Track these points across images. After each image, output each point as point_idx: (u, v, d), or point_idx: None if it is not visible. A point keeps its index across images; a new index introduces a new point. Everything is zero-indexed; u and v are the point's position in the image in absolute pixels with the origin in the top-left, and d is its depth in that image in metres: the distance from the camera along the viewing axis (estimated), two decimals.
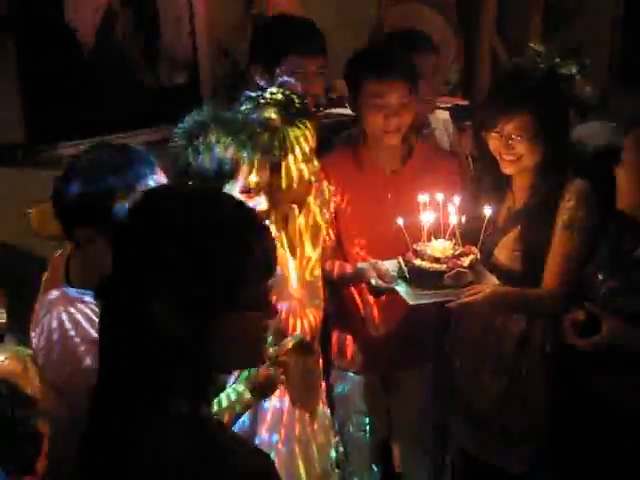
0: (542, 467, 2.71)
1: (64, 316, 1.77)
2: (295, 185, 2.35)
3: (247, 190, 2.10)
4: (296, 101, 2.36)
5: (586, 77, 4.09)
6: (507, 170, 2.57)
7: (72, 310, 1.77)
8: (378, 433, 2.91)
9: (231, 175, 2.07)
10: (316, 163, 2.41)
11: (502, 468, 2.75)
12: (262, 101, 2.35)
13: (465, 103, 4.33)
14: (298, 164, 2.33)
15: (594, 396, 2.38)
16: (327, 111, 3.58)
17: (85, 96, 3.91)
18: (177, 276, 1.19)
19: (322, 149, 2.54)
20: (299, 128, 2.33)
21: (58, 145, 3.92)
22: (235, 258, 1.22)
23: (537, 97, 2.53)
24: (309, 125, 2.36)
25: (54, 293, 1.82)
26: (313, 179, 2.42)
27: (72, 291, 1.81)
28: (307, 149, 2.34)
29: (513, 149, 2.49)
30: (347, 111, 3.03)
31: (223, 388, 1.94)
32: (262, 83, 2.88)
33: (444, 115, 3.29)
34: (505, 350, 2.64)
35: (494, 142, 2.54)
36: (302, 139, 2.33)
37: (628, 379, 2.33)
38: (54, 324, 1.77)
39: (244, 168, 2.08)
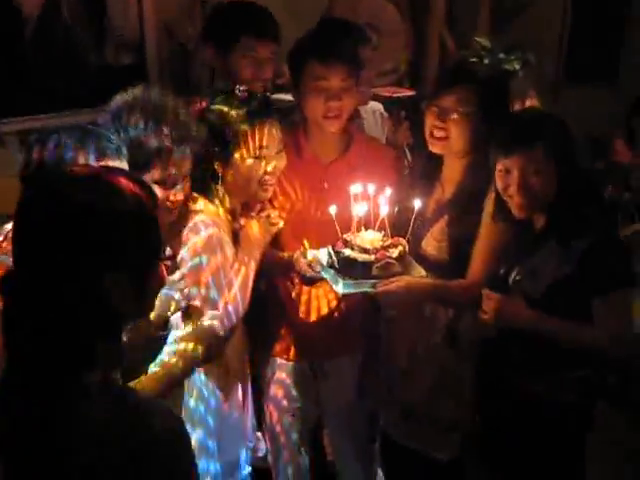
0: (470, 455, 2.78)
1: None
2: (243, 181, 2.41)
3: (161, 181, 2.11)
4: (257, 100, 2.43)
5: (529, 73, 4.18)
6: (434, 148, 2.60)
7: None
8: (307, 419, 2.94)
9: (148, 164, 2.06)
10: (274, 163, 2.45)
11: (430, 455, 2.80)
12: (222, 94, 2.44)
13: (411, 93, 4.38)
14: (245, 161, 2.39)
15: (521, 387, 2.43)
16: (274, 96, 3.60)
17: (28, 74, 3.87)
18: (121, 252, 1.31)
19: None
20: (253, 125, 2.38)
21: (0, 122, 3.88)
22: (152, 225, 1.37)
23: (484, 79, 2.58)
24: (267, 125, 2.41)
25: None
26: (267, 178, 2.45)
27: None
28: (260, 147, 2.40)
29: (445, 123, 2.52)
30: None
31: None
32: (214, 65, 2.93)
33: (376, 106, 3.31)
34: (434, 339, 2.69)
35: (430, 118, 2.57)
36: (256, 137, 2.39)
37: (556, 374, 2.38)
38: None
39: (164, 159, 2.09)
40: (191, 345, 2.13)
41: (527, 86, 4.07)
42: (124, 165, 1.84)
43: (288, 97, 2.98)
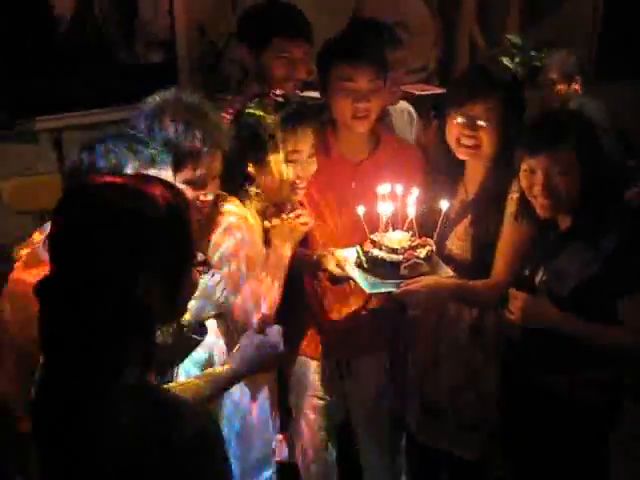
0: (494, 454, 2.79)
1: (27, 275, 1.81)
2: (275, 183, 2.44)
3: (192, 181, 2.13)
4: (293, 105, 2.44)
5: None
6: (462, 155, 2.61)
7: None
8: (334, 416, 2.96)
9: (180, 165, 2.07)
10: (306, 167, 2.48)
11: (454, 454, 2.81)
12: (264, 100, 2.44)
13: (441, 90, 4.37)
14: (279, 164, 2.41)
15: (545, 387, 2.43)
16: (304, 94, 3.62)
17: (61, 72, 3.93)
18: (158, 255, 1.35)
19: None
20: (288, 130, 2.40)
21: (34, 119, 3.95)
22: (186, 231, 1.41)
23: (509, 86, 2.59)
24: (301, 130, 2.43)
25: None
26: (298, 181, 2.48)
27: None
28: (293, 151, 2.42)
29: (475, 132, 2.53)
30: None
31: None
32: (246, 65, 2.97)
33: (405, 106, 3.31)
34: (458, 339, 2.70)
35: (455, 127, 2.57)
36: (291, 142, 2.41)
37: (581, 374, 2.38)
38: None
39: (195, 160, 2.11)
40: None
41: (574, 70, 4.08)
42: (169, 172, 1.87)
43: (317, 95, 3.00)
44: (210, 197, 2.21)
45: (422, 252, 2.43)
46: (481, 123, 2.52)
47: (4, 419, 1.85)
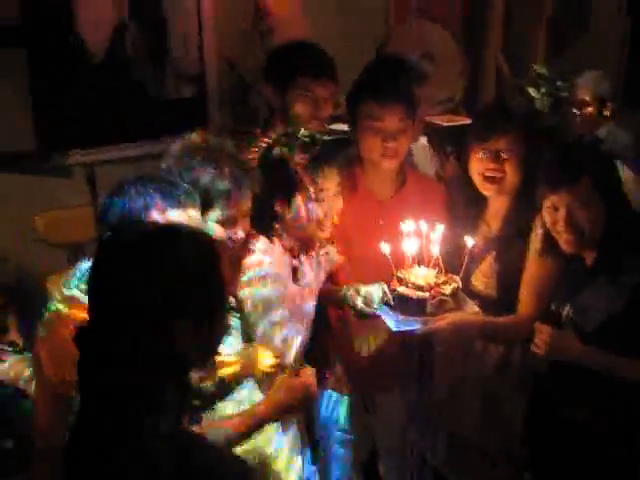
0: None
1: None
2: (302, 221, 2.46)
3: (223, 221, 2.17)
4: (317, 144, 2.47)
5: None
6: (487, 191, 2.64)
7: None
8: (361, 450, 2.97)
9: (210, 205, 2.12)
10: (332, 205, 2.50)
11: None
12: (284, 139, 2.47)
13: (468, 121, 4.39)
14: (306, 203, 2.45)
15: (572, 420, 2.43)
16: (331, 127, 3.66)
17: (94, 107, 4.01)
18: (192, 304, 1.38)
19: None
20: (315, 170, 2.44)
21: (68, 153, 4.03)
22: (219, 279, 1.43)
23: (531, 120, 2.63)
24: (328, 168, 2.47)
25: None
26: (326, 221, 2.50)
27: None
28: (320, 190, 2.45)
29: (499, 164, 2.57)
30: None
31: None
32: (272, 102, 3.02)
33: (423, 141, 3.33)
34: (485, 373, 2.71)
35: (478, 161, 2.61)
36: (317, 181, 2.44)
37: (606, 405, 2.37)
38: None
39: (224, 200, 2.15)
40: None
41: (607, 93, 4.06)
42: (197, 212, 1.92)
43: (345, 127, 3.03)
44: (241, 234, 2.25)
45: (448, 289, 2.45)
46: (505, 156, 2.56)
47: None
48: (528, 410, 2.64)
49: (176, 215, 1.83)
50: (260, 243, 2.41)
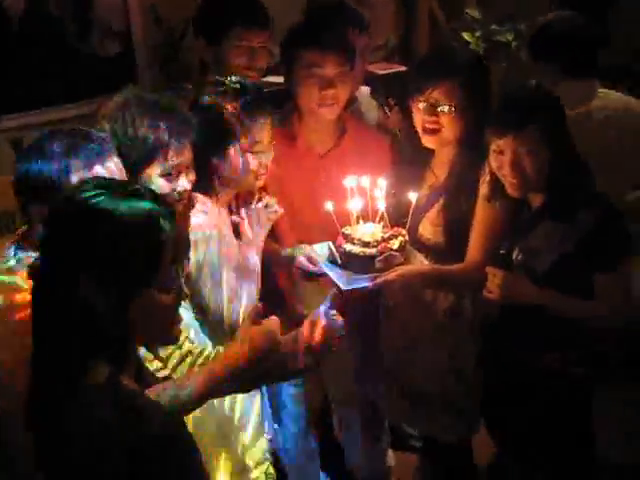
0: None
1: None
2: (237, 173, 2.38)
3: (166, 173, 2.13)
4: (253, 93, 2.39)
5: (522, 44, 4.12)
6: (428, 143, 2.60)
7: None
8: (313, 403, 2.97)
9: (150, 158, 2.09)
10: (265, 157, 2.42)
11: (437, 438, 2.84)
12: (220, 88, 2.38)
13: (403, 68, 4.34)
14: (240, 155, 2.36)
15: (525, 363, 2.45)
16: (265, 79, 3.57)
17: (18, 69, 3.84)
18: (101, 255, 1.38)
19: None
20: (248, 120, 2.35)
21: None
22: (150, 243, 1.41)
23: (468, 68, 2.56)
24: (261, 118, 2.37)
25: None
26: (261, 171, 2.43)
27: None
28: (255, 141, 2.36)
29: (436, 116, 2.52)
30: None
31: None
32: (205, 55, 2.93)
33: (367, 90, 3.27)
34: (435, 323, 2.70)
35: (418, 113, 2.57)
36: (252, 132, 2.35)
37: (558, 349, 2.40)
38: None
39: (163, 152, 2.10)
40: None
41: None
42: (117, 163, 1.88)
43: (279, 79, 2.95)
44: (186, 185, 2.19)
45: (395, 243, 2.42)
46: (441, 108, 2.51)
47: None
48: (482, 356, 2.65)
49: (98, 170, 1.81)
50: (198, 204, 2.34)
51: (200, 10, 3.05)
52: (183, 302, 1.65)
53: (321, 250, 2.50)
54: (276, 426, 2.92)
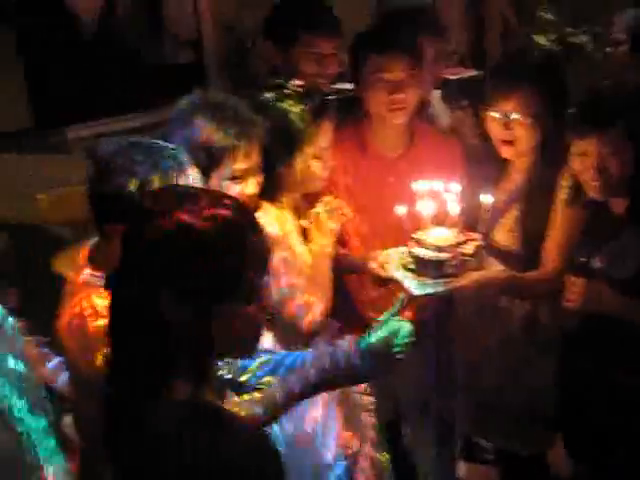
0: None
1: (85, 303, 1.79)
2: (304, 179, 2.39)
3: (234, 177, 2.12)
4: (317, 99, 2.38)
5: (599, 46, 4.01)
6: (505, 154, 2.56)
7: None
8: (384, 414, 2.91)
9: (217, 162, 2.08)
10: (328, 162, 2.42)
11: (511, 451, 2.76)
12: (285, 91, 2.37)
13: (476, 73, 4.27)
14: (307, 162, 2.36)
15: (606, 377, 2.36)
16: (338, 86, 3.55)
17: (89, 79, 3.90)
18: (183, 272, 1.32)
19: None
20: (315, 125, 2.35)
21: (65, 129, 3.92)
22: (233, 256, 1.34)
23: (539, 76, 2.50)
24: (324, 124, 2.37)
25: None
26: (325, 175, 2.43)
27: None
28: (320, 147, 2.36)
29: (511, 129, 2.47)
30: None
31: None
32: (274, 62, 2.94)
33: (439, 95, 3.22)
34: (511, 332, 2.64)
35: (493, 124, 2.52)
36: (316, 137, 2.35)
37: None
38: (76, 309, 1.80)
39: (231, 155, 2.10)
40: None
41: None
42: (194, 175, 1.85)
43: (350, 86, 2.93)
44: (253, 189, 2.19)
45: (469, 248, 2.35)
46: (515, 117, 2.45)
47: None
48: (560, 369, 2.56)
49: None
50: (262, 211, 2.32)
51: (270, 16, 3.05)
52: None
53: (393, 256, 2.45)
54: None
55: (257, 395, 1.77)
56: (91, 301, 1.77)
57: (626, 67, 3.74)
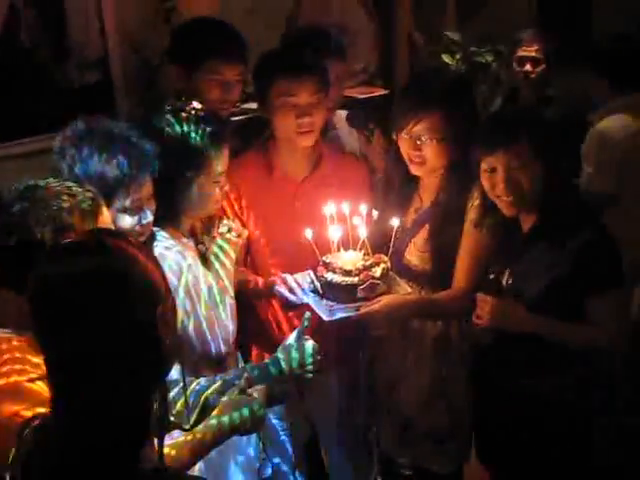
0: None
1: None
2: (201, 203, 2.32)
3: (128, 210, 2.03)
4: (216, 123, 2.30)
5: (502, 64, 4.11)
6: (416, 172, 2.58)
7: None
8: (300, 436, 2.90)
9: (110, 195, 1.96)
10: (225, 187, 2.36)
11: (429, 469, 2.77)
12: (184, 114, 2.27)
13: (384, 92, 4.32)
14: (205, 187, 2.29)
15: (517, 391, 2.40)
16: (244, 106, 3.53)
17: None
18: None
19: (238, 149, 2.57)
20: (213, 149, 2.27)
21: None
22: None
23: (447, 98, 2.52)
24: (222, 148, 2.30)
25: None
26: (220, 199, 2.38)
27: None
28: (217, 171, 2.29)
29: (420, 150, 2.49)
30: None
31: None
32: (178, 86, 2.86)
33: (344, 114, 3.23)
34: (424, 352, 2.65)
35: (403, 143, 2.54)
36: (214, 160, 2.27)
37: (551, 375, 2.35)
38: None
39: (124, 188, 2.00)
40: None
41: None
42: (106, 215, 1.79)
43: (256, 106, 2.91)
44: (150, 218, 2.10)
45: (377, 271, 2.37)
46: (423, 139, 2.48)
47: None
48: (473, 385, 2.60)
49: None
50: (161, 239, 2.27)
51: (175, 38, 3.01)
52: None
53: (302, 280, 2.44)
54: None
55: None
56: None
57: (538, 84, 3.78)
